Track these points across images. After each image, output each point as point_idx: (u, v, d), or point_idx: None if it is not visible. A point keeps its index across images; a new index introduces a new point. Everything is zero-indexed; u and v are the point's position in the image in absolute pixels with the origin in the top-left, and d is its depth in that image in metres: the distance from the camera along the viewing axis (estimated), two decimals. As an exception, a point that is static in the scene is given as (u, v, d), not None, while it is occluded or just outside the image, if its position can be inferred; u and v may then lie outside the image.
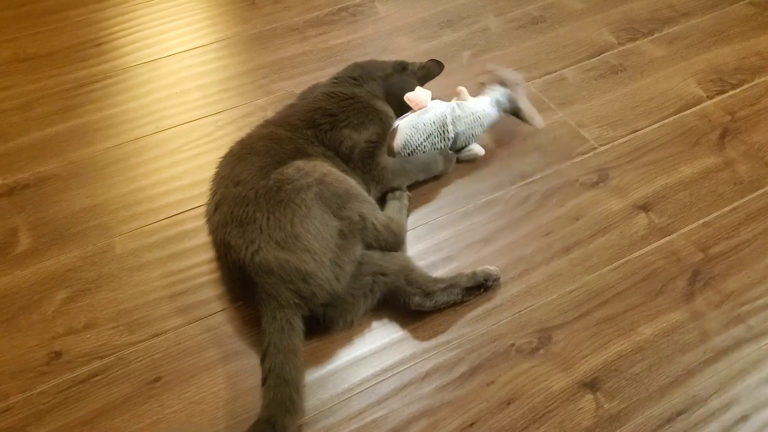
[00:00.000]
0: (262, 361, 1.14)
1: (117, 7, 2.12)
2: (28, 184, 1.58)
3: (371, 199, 1.36)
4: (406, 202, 1.47)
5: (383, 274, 1.27)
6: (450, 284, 1.29)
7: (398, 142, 1.51)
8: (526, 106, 1.59)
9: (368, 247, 1.30)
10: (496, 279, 1.33)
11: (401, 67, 1.63)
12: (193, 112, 1.76)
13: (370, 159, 1.44)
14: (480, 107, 1.56)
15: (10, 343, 1.28)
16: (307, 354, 1.22)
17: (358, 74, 1.58)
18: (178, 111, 1.76)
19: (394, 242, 1.33)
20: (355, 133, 1.44)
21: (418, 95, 1.55)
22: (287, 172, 1.28)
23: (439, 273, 1.35)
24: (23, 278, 1.39)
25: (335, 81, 1.58)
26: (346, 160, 1.43)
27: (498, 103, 1.58)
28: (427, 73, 1.66)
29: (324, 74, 1.65)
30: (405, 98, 1.54)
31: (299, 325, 1.19)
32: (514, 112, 1.60)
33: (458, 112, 1.54)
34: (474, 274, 1.32)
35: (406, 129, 1.52)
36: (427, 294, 1.27)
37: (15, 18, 2.08)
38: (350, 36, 1.98)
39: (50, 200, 1.54)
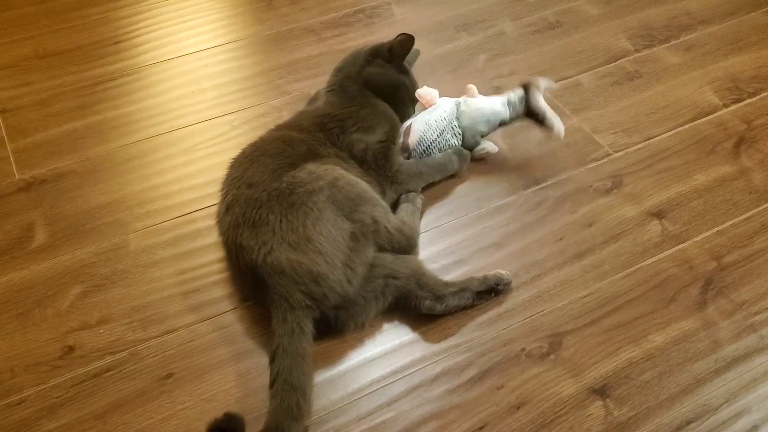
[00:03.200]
0: (271, 362, 1.15)
1: (135, 6, 2.14)
2: (45, 179, 1.60)
3: (384, 203, 1.36)
4: (419, 205, 1.47)
5: (395, 277, 1.28)
6: (461, 288, 1.30)
7: (413, 139, 1.52)
8: (545, 109, 1.52)
9: (380, 249, 1.30)
10: (508, 283, 1.33)
11: (373, 56, 1.55)
12: (208, 111, 1.77)
13: (383, 159, 1.45)
14: (488, 105, 1.54)
15: (24, 336, 1.30)
16: (318, 354, 1.23)
17: (341, 78, 1.54)
18: (193, 110, 1.77)
19: (406, 245, 1.34)
20: (366, 136, 1.45)
21: (427, 91, 1.56)
22: (299, 175, 1.29)
23: (450, 276, 1.35)
24: (39, 273, 1.40)
25: (329, 90, 1.55)
26: (360, 162, 1.43)
27: (510, 104, 1.54)
28: (402, 49, 1.54)
29: (339, 76, 1.66)
30: (416, 94, 1.56)
31: (309, 328, 1.19)
32: (533, 115, 1.54)
33: (463, 107, 1.55)
34: (485, 278, 1.32)
35: (419, 126, 1.52)
36: (438, 298, 1.28)
37: (35, 15, 2.10)
38: (366, 38, 1.98)
39: (66, 196, 1.56)
